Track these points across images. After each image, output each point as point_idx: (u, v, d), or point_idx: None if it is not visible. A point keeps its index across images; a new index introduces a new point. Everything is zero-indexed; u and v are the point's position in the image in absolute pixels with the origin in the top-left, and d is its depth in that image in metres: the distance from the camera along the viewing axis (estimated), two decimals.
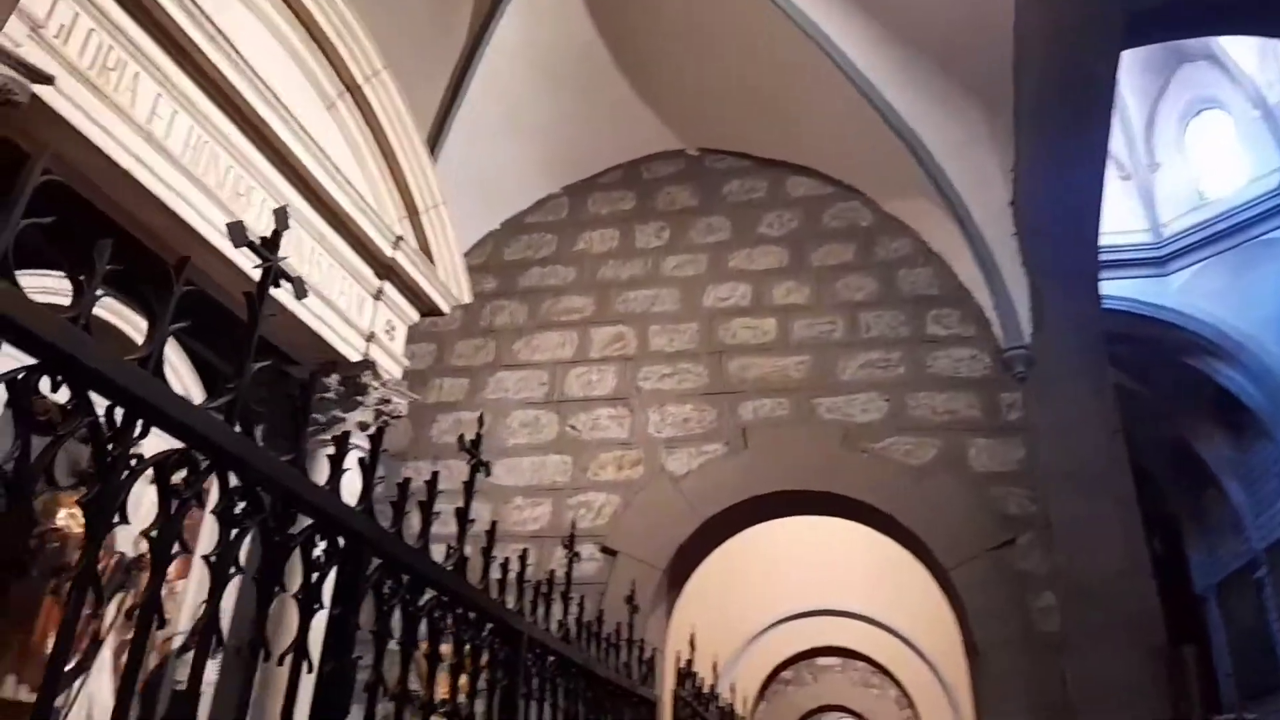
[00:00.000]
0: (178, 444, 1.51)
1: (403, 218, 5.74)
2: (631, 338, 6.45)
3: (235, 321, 1.83)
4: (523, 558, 3.03)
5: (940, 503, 5.52)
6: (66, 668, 3.36)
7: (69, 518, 3.72)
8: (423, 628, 2.32)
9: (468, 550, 2.55)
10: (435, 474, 2.56)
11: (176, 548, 1.51)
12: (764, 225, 6.68)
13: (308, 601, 1.86)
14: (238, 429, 1.67)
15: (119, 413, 1.44)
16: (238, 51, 4.32)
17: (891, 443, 5.70)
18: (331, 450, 2.05)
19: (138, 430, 1.45)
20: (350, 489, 2.20)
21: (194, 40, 4.08)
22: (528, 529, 5.92)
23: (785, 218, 6.66)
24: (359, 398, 5.30)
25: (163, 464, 1.51)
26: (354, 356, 5.35)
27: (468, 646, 2.56)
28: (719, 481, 5.86)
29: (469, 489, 2.67)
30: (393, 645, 2.16)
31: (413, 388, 6.26)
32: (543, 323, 6.69)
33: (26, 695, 3.48)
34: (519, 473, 6.16)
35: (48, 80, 3.27)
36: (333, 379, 5.31)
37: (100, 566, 3.93)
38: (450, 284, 6.04)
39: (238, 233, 1.86)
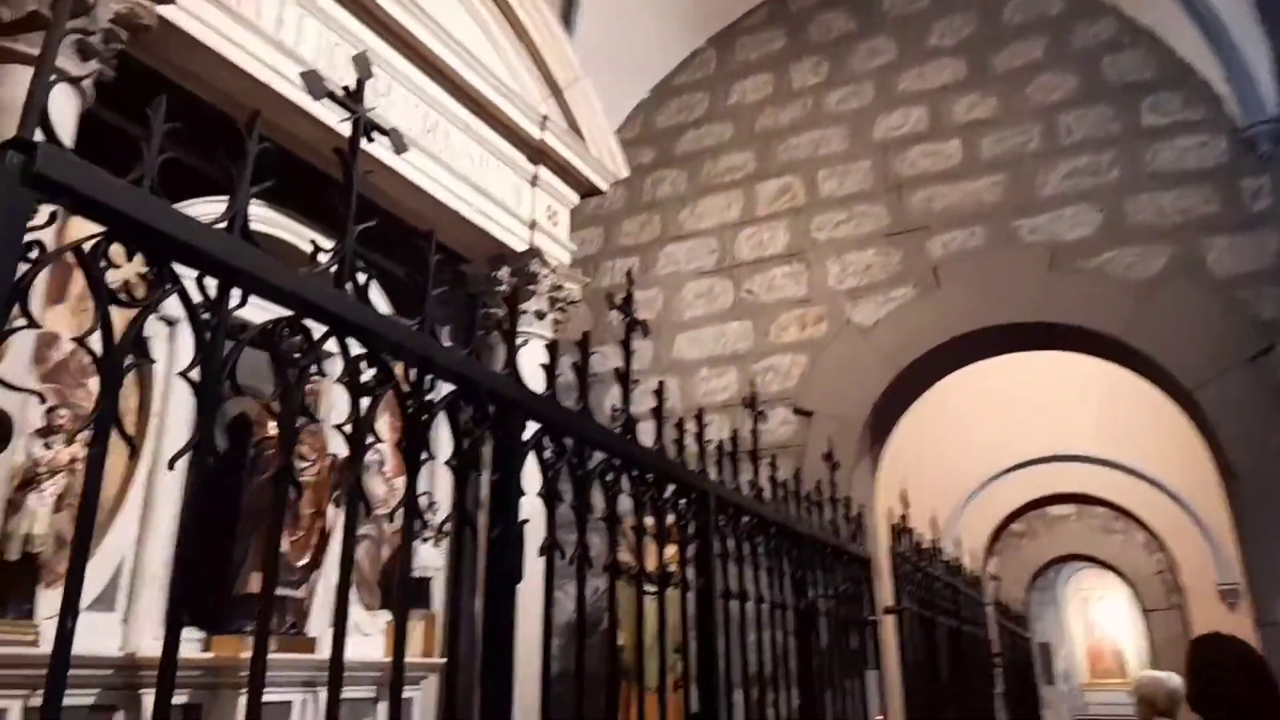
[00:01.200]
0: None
1: (546, 97, 5.56)
2: (799, 187, 6.02)
3: (418, 236, 1.73)
4: (699, 417, 2.87)
5: (1176, 316, 4.83)
6: (300, 564, 3.53)
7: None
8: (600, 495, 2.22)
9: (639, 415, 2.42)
10: (586, 334, 2.42)
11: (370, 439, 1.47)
12: (934, 37, 5.94)
13: (462, 469, 1.78)
14: (350, 293, 1.56)
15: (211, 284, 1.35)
16: None
17: (1110, 257, 5.02)
18: (544, 355, 1.96)
19: (234, 300, 1.37)
20: (536, 376, 2.10)
21: None
22: (717, 399, 5.78)
23: (957, 24, 5.89)
24: (530, 286, 5.29)
25: (270, 333, 1.42)
26: (520, 246, 5.32)
27: (648, 509, 2.44)
28: (912, 327, 5.43)
29: (626, 347, 2.51)
30: (565, 509, 2.07)
31: (585, 273, 6.20)
32: (705, 187, 6.38)
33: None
34: (701, 344, 6.00)
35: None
36: (503, 271, 5.32)
37: (317, 468, 4.17)
38: (605, 159, 5.85)
39: (314, 83, 1.71)
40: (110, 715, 3.33)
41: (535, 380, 2.14)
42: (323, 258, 1.53)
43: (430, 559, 4.63)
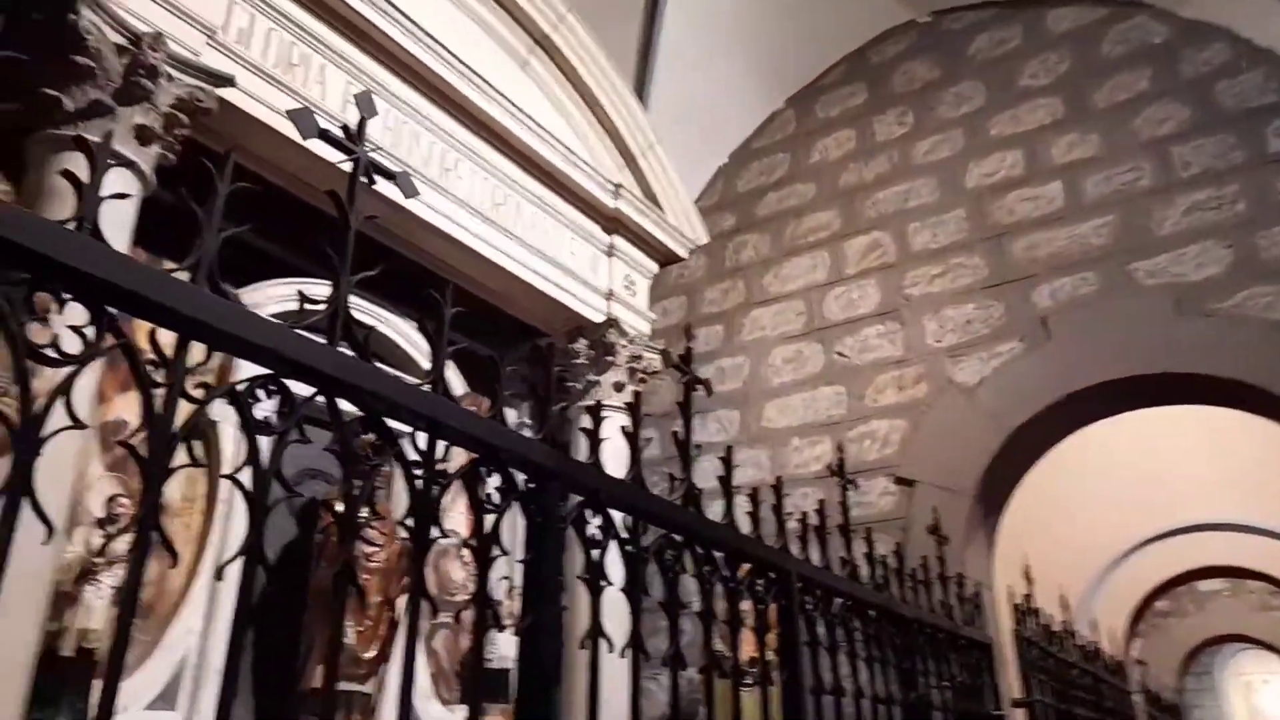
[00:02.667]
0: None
1: (620, 167, 5.47)
2: (889, 243, 5.71)
3: (496, 313, 1.61)
4: (777, 487, 2.57)
5: None
6: (367, 656, 3.31)
7: None
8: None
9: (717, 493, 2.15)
10: (637, 393, 2.19)
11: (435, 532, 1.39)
12: (1026, 77, 5.62)
13: (482, 550, 1.55)
14: (346, 351, 1.37)
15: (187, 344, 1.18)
16: (423, 29, 4.23)
17: (1245, 297, 4.49)
18: (588, 421, 1.80)
19: (197, 351, 1.19)
20: (619, 455, 1.90)
21: (377, 25, 4.03)
22: (810, 470, 5.41)
23: (1051, 61, 5.55)
24: (609, 358, 5.11)
25: (237, 395, 1.23)
26: (597, 317, 5.16)
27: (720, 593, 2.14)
28: (1021, 385, 4.98)
29: (685, 410, 2.25)
30: (615, 592, 1.80)
31: (669, 343, 5.99)
32: (789, 249, 6.14)
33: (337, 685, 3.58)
34: (791, 411, 5.67)
35: (228, 82, 3.30)
36: (580, 343, 5.16)
37: (385, 554, 4.01)
38: (682, 226, 5.69)
39: (305, 121, 1.56)
40: None
41: (618, 456, 1.92)
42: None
43: (510, 649, 4.37)
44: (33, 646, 2.61)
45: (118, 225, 2.92)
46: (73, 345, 1.07)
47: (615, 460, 1.91)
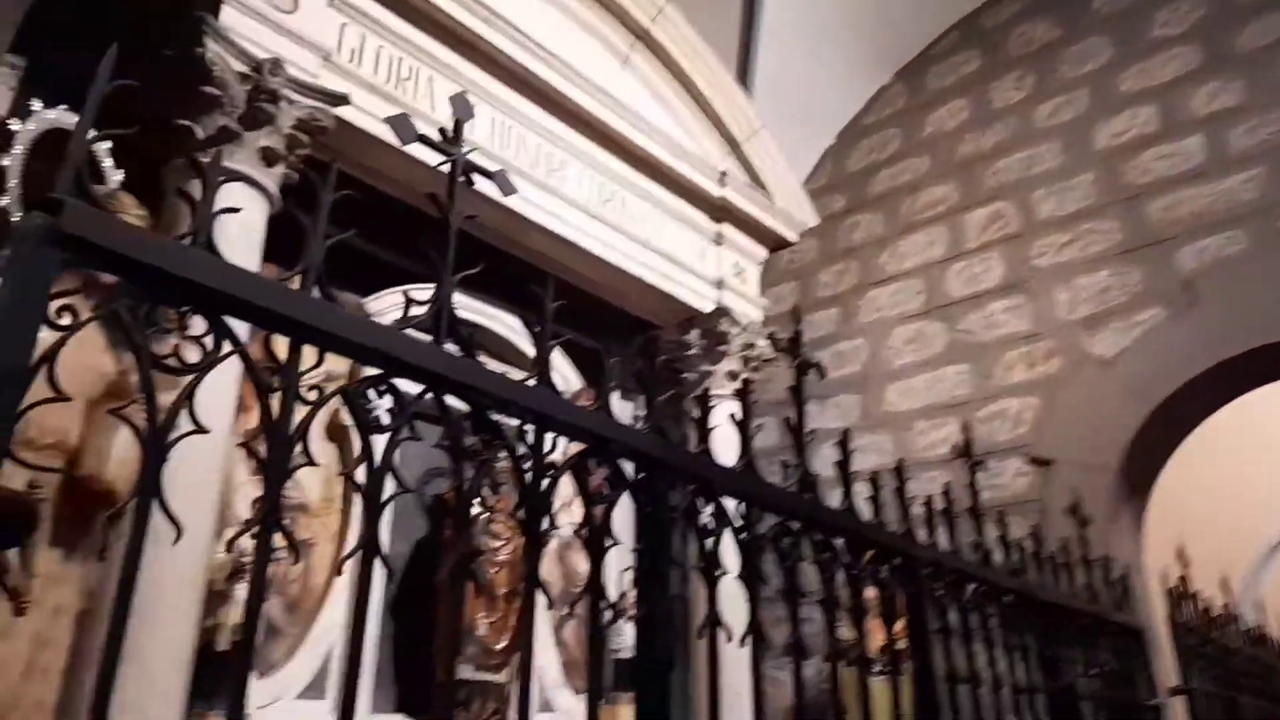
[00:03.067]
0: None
1: (726, 154, 5.41)
2: (1011, 213, 5.44)
3: (608, 309, 1.65)
4: (899, 470, 2.48)
5: None
6: (499, 647, 3.42)
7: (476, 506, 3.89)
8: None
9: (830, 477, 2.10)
10: (746, 379, 2.16)
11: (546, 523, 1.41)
12: (1157, 27, 5.24)
13: (594, 541, 1.56)
14: (453, 349, 1.41)
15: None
16: (525, 34, 4.30)
17: None
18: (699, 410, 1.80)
19: (312, 357, 1.24)
20: (734, 444, 1.90)
21: (481, 35, 4.13)
22: (936, 453, 5.22)
23: (1184, 9, 5.15)
24: (721, 347, 5.07)
25: (349, 396, 1.28)
26: (707, 307, 5.13)
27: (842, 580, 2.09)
28: (1165, 355, 4.65)
29: (798, 394, 2.20)
30: (731, 578, 1.79)
31: (782, 330, 5.90)
32: (905, 225, 5.93)
33: (471, 673, 3.70)
34: (914, 394, 5.49)
35: (344, 101, 3.44)
36: (692, 334, 5.14)
37: (512, 546, 4.10)
38: (791, 209, 5.59)
39: (403, 127, 1.60)
40: None
41: (733, 445, 1.91)
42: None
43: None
44: (190, 643, 2.80)
45: (248, 244, 3.10)
46: (193, 355, 1.13)
47: (731, 449, 1.89)
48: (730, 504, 1.84)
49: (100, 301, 1.05)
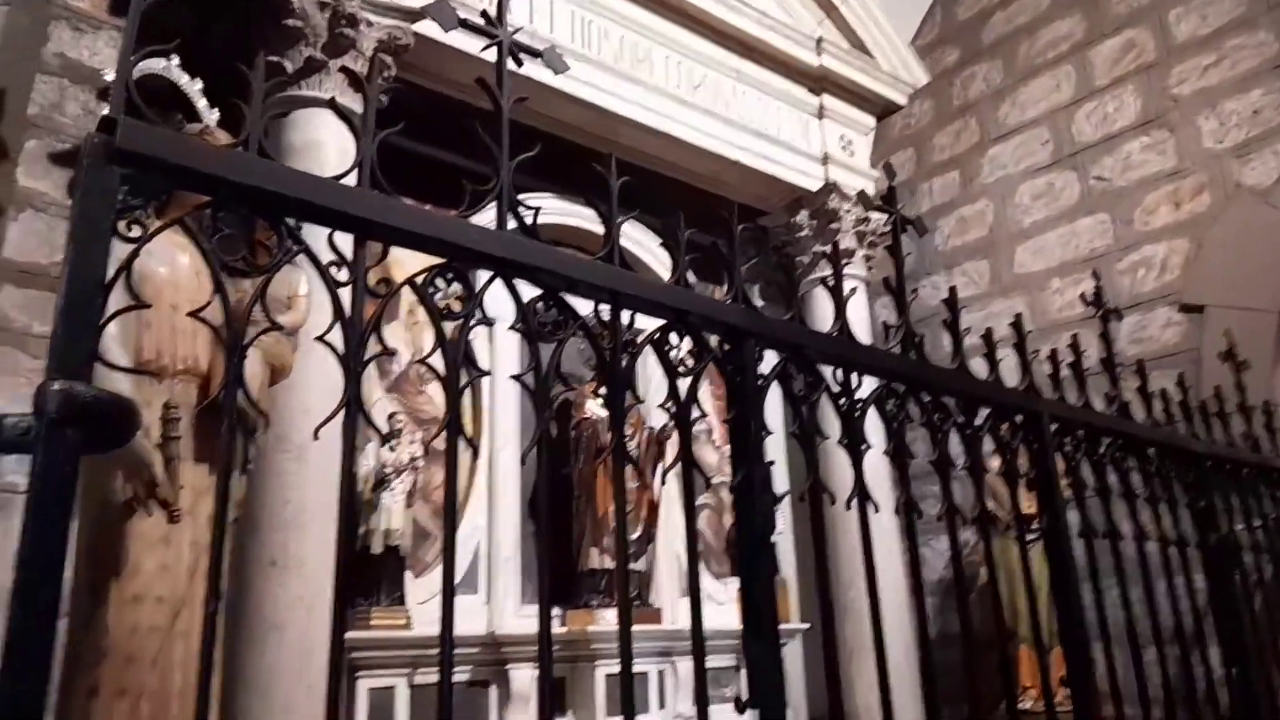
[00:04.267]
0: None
1: (820, 20, 5.12)
2: (1145, 40, 4.92)
3: (708, 198, 1.65)
4: (1017, 325, 2.35)
5: None
6: (633, 537, 3.53)
7: (597, 406, 3.99)
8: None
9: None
10: (835, 242, 2.08)
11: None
12: None
13: (682, 414, 1.56)
14: (513, 228, 1.41)
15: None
16: None
17: None
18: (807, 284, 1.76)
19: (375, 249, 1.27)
20: (853, 319, 1.87)
21: None
22: (1075, 313, 4.91)
23: None
24: (832, 225, 4.90)
25: (416, 287, 1.30)
26: (814, 185, 4.95)
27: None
28: None
29: (895, 251, 2.11)
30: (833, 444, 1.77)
31: (900, 200, 5.63)
32: (1025, 72, 5.48)
33: (609, 563, 3.84)
34: (1046, 252, 5.16)
35: (419, 15, 3.43)
36: (800, 216, 4.99)
37: (637, 441, 4.19)
38: (898, 70, 5.26)
39: (444, 14, 1.58)
40: (485, 689, 3.57)
41: (855, 325, 1.88)
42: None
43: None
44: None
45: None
46: (262, 258, 1.18)
47: (860, 329, 1.84)
48: (829, 372, 1.80)
49: (169, 215, 1.10)
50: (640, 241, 4.57)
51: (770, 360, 1.69)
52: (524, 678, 3.54)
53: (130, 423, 1.03)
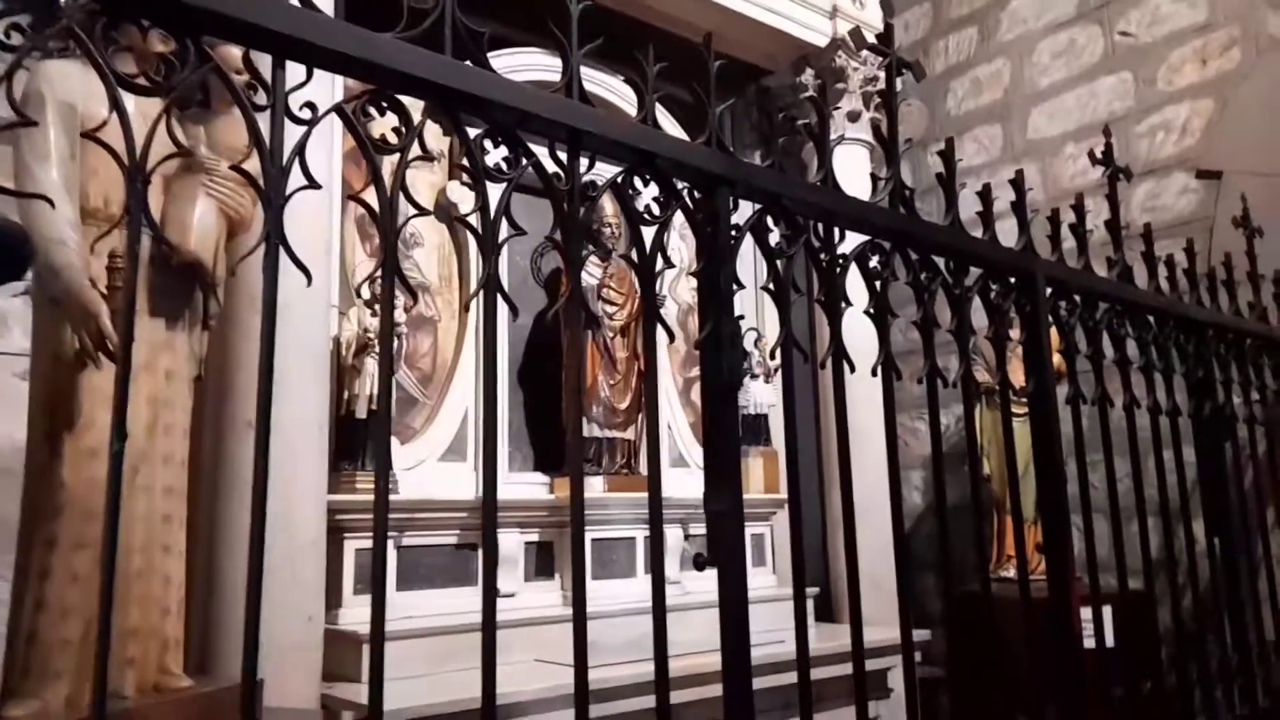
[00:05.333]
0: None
1: None
2: None
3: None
4: (1017, 182, 2.22)
5: None
6: (623, 406, 3.48)
7: (586, 274, 3.89)
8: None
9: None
10: (821, 84, 1.93)
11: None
12: None
13: (645, 267, 1.47)
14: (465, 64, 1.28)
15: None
16: None
17: None
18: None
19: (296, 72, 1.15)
20: (858, 185, 1.75)
21: None
22: (1089, 179, 4.72)
23: None
24: (839, 85, 4.65)
25: (345, 114, 1.19)
26: (822, 41, 4.67)
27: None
28: None
29: (889, 97, 1.97)
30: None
31: (914, 60, 5.35)
32: None
33: (599, 432, 3.83)
34: (1064, 115, 4.91)
35: None
36: (806, 75, 4.74)
37: (627, 310, 4.11)
38: None
39: None
40: (474, 552, 3.62)
41: (850, 185, 1.76)
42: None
43: (764, 395, 4.42)
44: (324, 408, 2.99)
45: None
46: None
47: (855, 192, 1.72)
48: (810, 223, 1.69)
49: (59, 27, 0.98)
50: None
51: (747, 212, 1.59)
52: (511, 542, 3.58)
53: (21, 255, 0.95)
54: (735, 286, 1.52)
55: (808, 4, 4.61)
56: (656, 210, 1.48)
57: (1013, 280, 2.09)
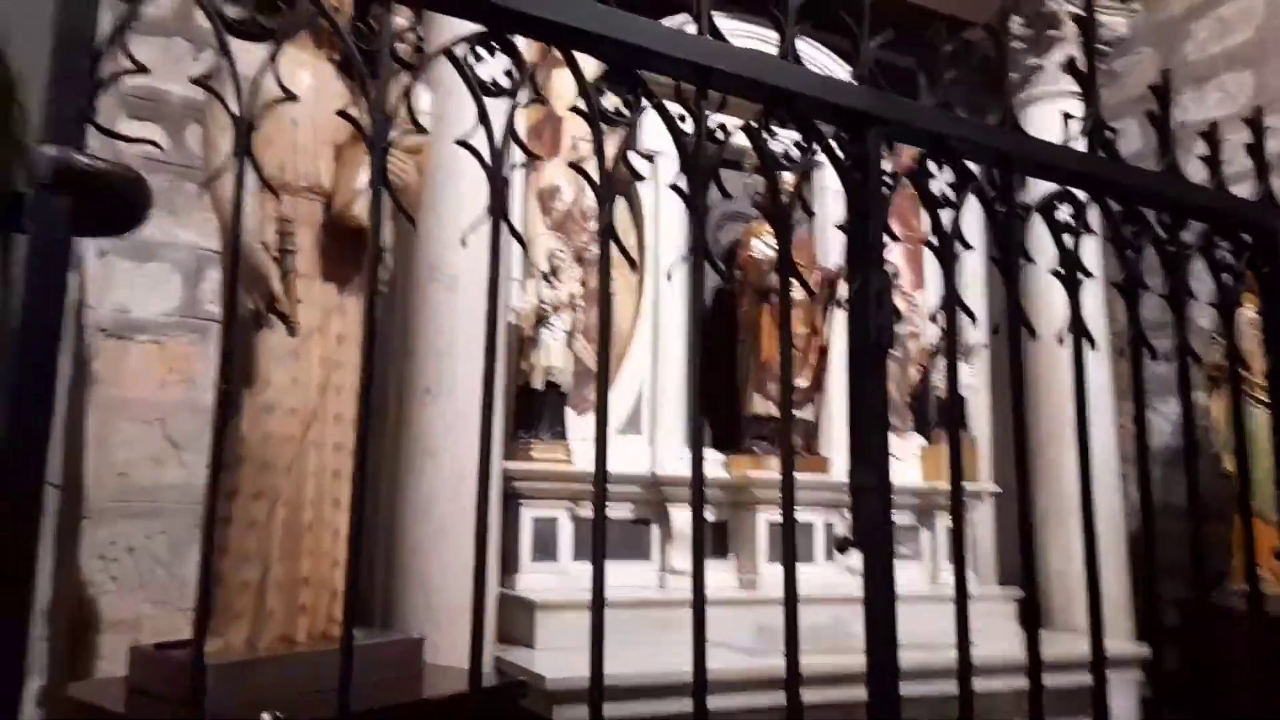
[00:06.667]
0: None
1: None
2: None
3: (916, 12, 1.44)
4: (1253, 120, 1.88)
5: None
6: (801, 384, 3.36)
7: (762, 245, 3.77)
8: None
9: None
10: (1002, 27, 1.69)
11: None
12: None
13: (781, 215, 1.35)
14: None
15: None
16: None
17: None
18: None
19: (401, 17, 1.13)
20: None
21: None
22: None
23: None
24: (1052, 32, 4.21)
25: (454, 57, 1.15)
26: None
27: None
28: None
29: (1088, 35, 1.71)
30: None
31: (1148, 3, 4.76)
32: None
33: (773, 410, 3.70)
34: None
35: None
36: (1013, 21, 4.32)
37: (811, 280, 3.93)
38: None
39: None
40: (647, 526, 3.61)
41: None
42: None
43: (965, 378, 4.11)
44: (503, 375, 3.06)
45: None
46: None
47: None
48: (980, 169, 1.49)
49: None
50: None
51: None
52: (684, 518, 3.53)
53: (137, 198, 0.98)
54: (887, 239, 1.37)
55: None
56: (797, 155, 1.35)
57: (1246, 237, 1.77)
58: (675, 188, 1.26)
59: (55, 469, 1.75)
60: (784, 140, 1.35)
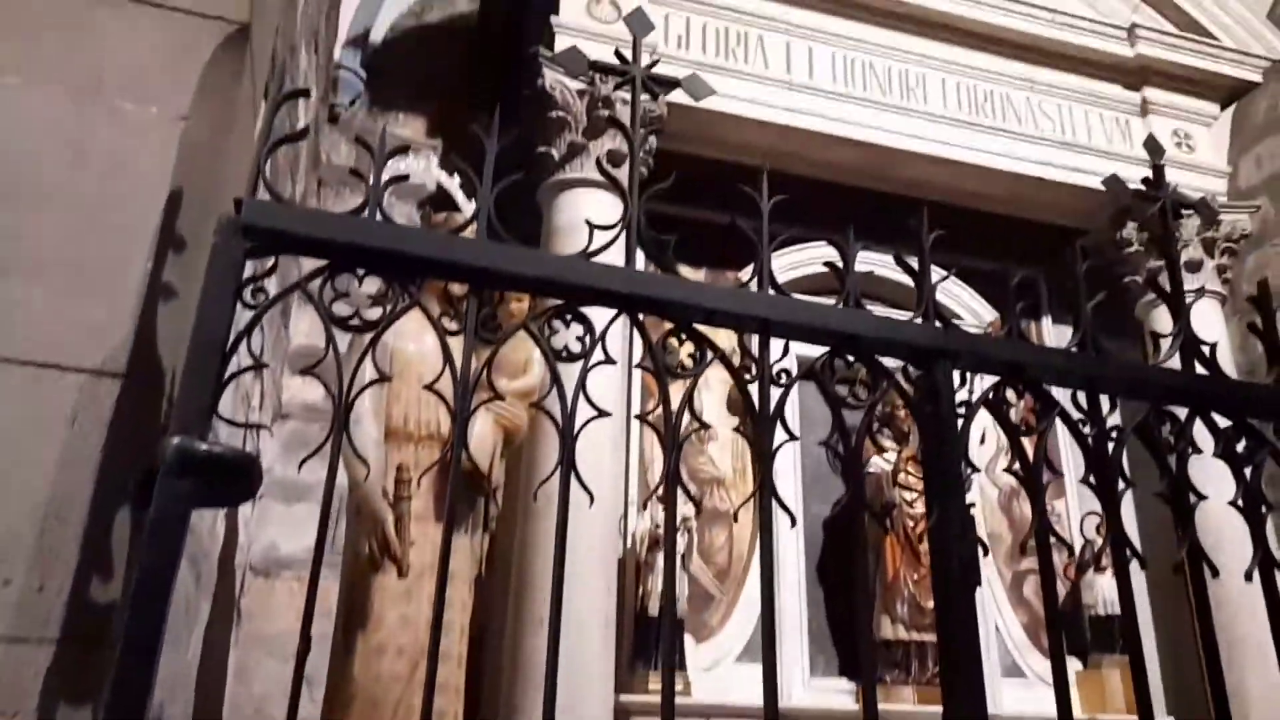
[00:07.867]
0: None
1: (1135, 7, 4.48)
2: None
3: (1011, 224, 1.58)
4: None
5: None
6: (930, 605, 3.23)
7: (881, 460, 3.73)
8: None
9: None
10: (1080, 247, 1.78)
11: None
12: None
13: (851, 455, 1.37)
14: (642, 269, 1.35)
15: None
16: None
17: None
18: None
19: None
20: (1221, 350, 1.64)
21: None
22: None
23: None
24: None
25: (531, 330, 1.27)
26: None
27: None
28: None
29: (1166, 244, 1.73)
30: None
31: (1272, 200, 4.69)
32: None
33: (904, 634, 3.49)
34: None
35: (673, 85, 3.53)
36: (1128, 229, 4.32)
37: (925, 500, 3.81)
38: (1248, 44, 4.43)
39: (574, 61, 1.60)
40: None
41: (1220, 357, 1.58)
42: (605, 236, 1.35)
43: (1113, 592, 3.78)
44: (609, 605, 3.05)
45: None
46: (373, 314, 1.23)
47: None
48: (1065, 397, 1.48)
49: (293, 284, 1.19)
50: (956, 296, 4.11)
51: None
52: None
53: (247, 477, 1.10)
54: (967, 469, 1.36)
55: (1120, 158, 4.25)
56: (864, 394, 1.38)
57: None
58: (739, 430, 1.31)
59: (184, 709, 1.85)
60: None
